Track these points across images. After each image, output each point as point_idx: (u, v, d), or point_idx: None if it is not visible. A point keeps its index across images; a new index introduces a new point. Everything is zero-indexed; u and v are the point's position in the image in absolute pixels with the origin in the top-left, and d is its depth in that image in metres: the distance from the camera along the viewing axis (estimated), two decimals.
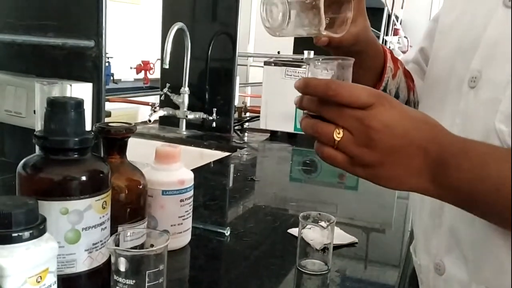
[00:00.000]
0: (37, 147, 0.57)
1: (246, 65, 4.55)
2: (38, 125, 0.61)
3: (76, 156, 0.56)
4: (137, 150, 1.63)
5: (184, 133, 1.79)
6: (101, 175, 0.58)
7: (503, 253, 0.52)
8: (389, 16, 3.50)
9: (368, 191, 1.20)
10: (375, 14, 4.22)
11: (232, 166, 1.45)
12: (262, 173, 1.41)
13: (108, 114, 2.03)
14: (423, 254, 0.66)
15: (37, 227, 0.47)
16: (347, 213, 1.07)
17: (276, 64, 1.81)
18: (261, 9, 0.58)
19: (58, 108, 0.55)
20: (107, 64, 4.07)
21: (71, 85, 1.04)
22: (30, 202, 0.48)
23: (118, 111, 2.60)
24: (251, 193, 1.16)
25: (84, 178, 0.56)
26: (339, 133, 0.47)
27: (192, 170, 1.30)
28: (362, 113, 0.46)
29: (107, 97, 2.23)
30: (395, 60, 0.72)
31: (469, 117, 0.55)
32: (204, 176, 1.26)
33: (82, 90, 1.07)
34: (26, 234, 0.46)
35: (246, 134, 1.94)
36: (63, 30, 1.09)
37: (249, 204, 1.09)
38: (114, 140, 0.67)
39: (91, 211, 0.56)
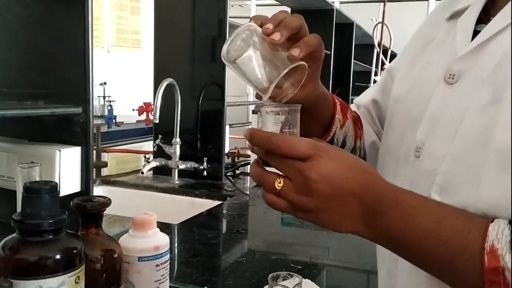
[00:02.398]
0: None
1: (246, 105, 4.64)
2: (19, 207, 0.67)
3: (50, 236, 0.61)
4: (131, 201, 1.68)
5: (177, 182, 1.84)
6: (74, 251, 0.63)
7: None
8: (377, 54, 3.59)
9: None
10: (366, 49, 4.33)
11: (220, 217, 1.49)
12: (250, 223, 1.45)
13: (105, 165, 2.10)
14: None
15: None
16: (339, 256, 1.10)
17: None
18: (228, 39, 0.60)
19: (33, 194, 0.61)
20: (109, 108, 4.13)
21: (59, 151, 1.11)
22: (5, 285, 0.53)
23: (122, 157, 2.67)
24: (234, 247, 1.20)
25: (57, 256, 0.61)
26: (279, 182, 0.52)
27: (181, 223, 1.36)
28: (302, 164, 0.50)
29: (104, 148, 2.30)
30: (344, 110, 0.75)
31: (414, 185, 0.59)
32: (191, 229, 1.31)
33: (71, 154, 1.13)
34: None
35: (239, 179, 1.99)
36: (52, 97, 1.16)
37: (231, 259, 1.13)
38: (90, 214, 0.72)
39: (65, 287, 0.61)
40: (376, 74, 3.71)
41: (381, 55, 3.45)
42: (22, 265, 0.60)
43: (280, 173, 0.53)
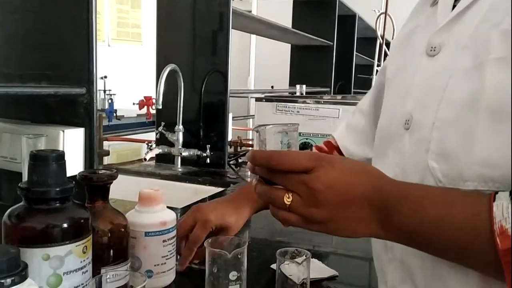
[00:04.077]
0: None
1: (247, 97, 4.64)
2: (25, 176, 0.66)
3: (57, 205, 0.61)
4: (133, 188, 1.67)
5: (180, 169, 1.83)
6: (82, 221, 0.62)
7: (452, 280, 0.55)
8: (380, 46, 3.58)
9: None
10: (370, 43, 4.32)
11: None
12: None
13: (107, 153, 2.09)
14: (382, 286, 0.70)
15: (18, 273, 0.51)
16: (340, 243, 1.09)
17: (267, 100, 1.87)
18: None
19: (39, 161, 0.60)
20: (109, 101, 4.13)
21: (63, 131, 1.10)
22: (12, 251, 0.52)
23: (122, 148, 2.66)
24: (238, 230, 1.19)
25: (65, 225, 0.60)
26: (288, 198, 0.52)
27: (184, 207, 1.35)
28: (306, 177, 0.51)
29: (106, 136, 2.29)
30: None
31: (407, 156, 0.60)
32: None
33: (74, 135, 1.12)
34: (8, 281, 0.50)
35: (241, 168, 1.98)
36: (56, 79, 1.15)
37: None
38: (97, 186, 0.71)
39: (72, 256, 0.60)
40: (378, 66, 3.70)
41: (384, 47, 3.44)
42: (29, 233, 0.59)
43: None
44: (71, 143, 1.12)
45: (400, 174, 0.59)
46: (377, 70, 3.69)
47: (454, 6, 0.60)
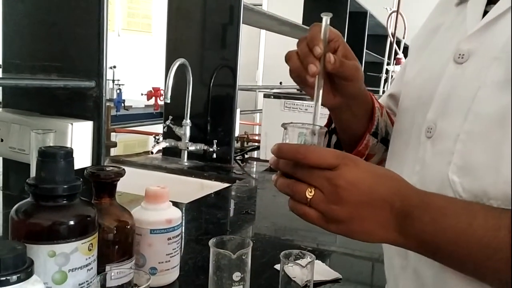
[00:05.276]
0: None
1: (255, 91, 4.62)
2: (33, 171, 0.67)
3: (64, 202, 0.61)
4: (138, 182, 1.68)
5: (186, 164, 1.84)
6: (88, 219, 0.63)
7: None
8: (391, 44, 3.56)
9: None
10: (380, 41, 4.29)
11: (229, 198, 1.49)
12: (259, 206, 1.45)
13: (114, 145, 2.09)
14: None
15: (25, 270, 0.51)
16: (344, 243, 1.09)
17: (275, 97, 1.87)
18: None
19: (48, 158, 0.60)
20: (118, 91, 4.13)
21: (72, 124, 1.10)
22: (18, 247, 0.52)
23: (129, 138, 2.67)
24: (243, 227, 1.19)
25: (71, 222, 0.60)
26: (311, 192, 0.52)
27: (190, 202, 1.36)
28: (330, 174, 0.51)
29: (113, 128, 2.30)
30: (377, 101, 0.77)
31: (427, 166, 0.59)
32: (201, 209, 1.30)
33: (83, 128, 1.13)
34: (14, 277, 0.50)
35: (247, 163, 1.99)
36: (65, 70, 1.15)
37: None
38: (104, 183, 0.71)
39: (77, 253, 0.61)
40: (388, 65, 3.67)
41: (395, 45, 3.41)
42: (35, 230, 0.59)
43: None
44: (80, 136, 1.12)
45: (418, 184, 0.58)
46: (387, 69, 3.67)
47: (484, 12, 0.58)
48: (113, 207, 0.73)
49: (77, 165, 1.15)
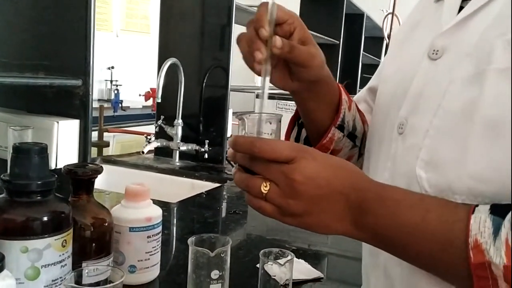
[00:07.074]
0: None
1: (254, 93, 4.62)
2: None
3: (38, 198, 0.61)
4: (128, 181, 1.67)
5: (177, 163, 1.84)
6: (62, 215, 0.63)
7: None
8: (387, 46, 3.56)
9: None
10: (376, 42, 4.30)
11: (218, 198, 1.49)
12: (247, 206, 1.44)
13: (107, 144, 2.09)
14: None
15: None
16: (336, 244, 1.09)
17: (268, 97, 1.86)
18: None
19: (22, 154, 0.60)
20: (115, 92, 4.14)
21: (58, 122, 1.10)
22: None
23: (127, 138, 2.67)
24: (230, 227, 1.19)
25: (44, 218, 0.60)
26: (266, 186, 0.51)
27: (178, 202, 1.35)
28: (286, 167, 0.50)
29: (106, 128, 2.30)
30: (347, 94, 0.75)
31: (397, 162, 0.58)
32: (189, 208, 1.30)
33: (69, 127, 1.13)
34: None
35: None
36: (53, 69, 1.15)
37: None
38: (81, 181, 0.71)
39: (51, 249, 0.61)
40: None
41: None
42: (8, 225, 0.59)
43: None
44: (66, 134, 1.12)
45: (389, 180, 0.58)
46: None
47: (461, 7, 0.57)
48: (90, 204, 0.73)
49: (63, 163, 1.15)
